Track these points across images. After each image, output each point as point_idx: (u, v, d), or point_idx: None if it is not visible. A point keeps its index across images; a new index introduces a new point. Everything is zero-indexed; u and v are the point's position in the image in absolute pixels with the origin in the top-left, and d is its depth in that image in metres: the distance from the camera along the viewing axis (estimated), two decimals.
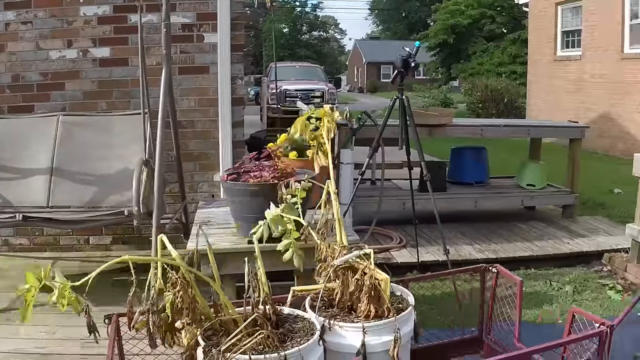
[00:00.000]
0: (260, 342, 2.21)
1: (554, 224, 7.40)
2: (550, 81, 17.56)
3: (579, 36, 16.46)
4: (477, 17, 32.22)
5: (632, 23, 14.43)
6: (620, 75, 14.59)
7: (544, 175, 7.83)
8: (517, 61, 26.63)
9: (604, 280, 5.89)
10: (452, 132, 7.24)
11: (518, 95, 20.16)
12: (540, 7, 18.21)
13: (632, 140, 13.99)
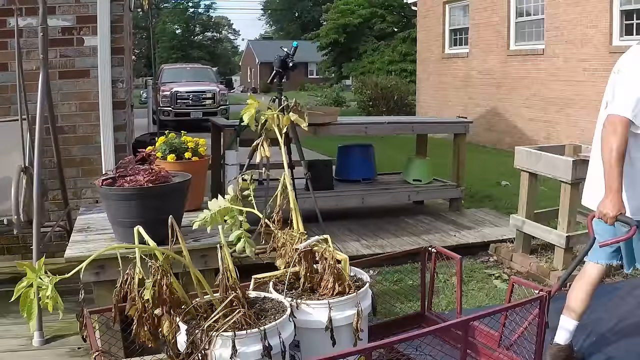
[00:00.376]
0: (239, 320, 2.33)
1: (441, 218, 7.51)
2: (439, 78, 17.92)
3: (466, 34, 16.84)
4: (367, 16, 32.51)
5: (518, 21, 14.88)
6: (507, 72, 15.02)
7: (429, 170, 7.92)
8: (407, 59, 27.02)
9: (490, 270, 6.01)
10: (337, 130, 7.21)
11: (408, 93, 20.48)
12: (428, 5, 18.54)
13: (519, 133, 14.43)
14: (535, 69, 14.09)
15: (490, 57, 15.67)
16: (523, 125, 14.46)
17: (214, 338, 2.26)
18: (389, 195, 7.56)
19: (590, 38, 12.44)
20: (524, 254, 6.14)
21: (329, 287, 2.64)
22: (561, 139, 12.58)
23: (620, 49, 11.66)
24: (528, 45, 14.56)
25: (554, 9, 13.43)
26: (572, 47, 12.95)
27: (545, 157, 5.76)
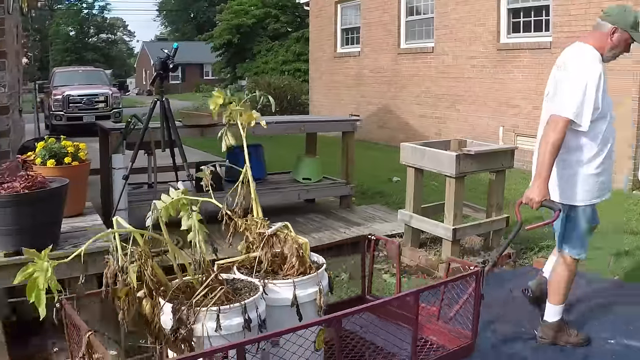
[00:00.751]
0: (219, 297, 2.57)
1: (332, 215, 7.50)
2: (331, 77, 17.99)
3: (358, 33, 16.95)
4: (261, 16, 32.37)
5: (408, 20, 15.07)
6: (398, 70, 15.19)
7: (319, 169, 7.91)
8: (301, 59, 27.08)
9: (380, 265, 5.98)
10: None
11: (301, 92, 20.46)
12: (320, 5, 18.58)
13: (411, 130, 14.58)
14: (425, 67, 14.29)
15: (381, 55, 15.81)
16: (414, 122, 14.62)
17: (200, 313, 2.50)
18: (279, 195, 7.51)
19: (479, 36, 12.69)
20: (412, 248, 6.20)
21: (293, 267, 2.95)
22: (452, 134, 12.76)
23: (508, 46, 11.97)
24: (418, 43, 14.76)
25: (443, 8, 13.65)
26: (461, 45, 13.18)
27: (429, 153, 5.85)
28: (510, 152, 6.18)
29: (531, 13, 11.86)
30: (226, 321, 2.51)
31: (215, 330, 2.48)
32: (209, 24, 58.15)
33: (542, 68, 11.43)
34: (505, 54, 12.16)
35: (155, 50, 66.50)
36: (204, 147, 13.34)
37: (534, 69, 11.59)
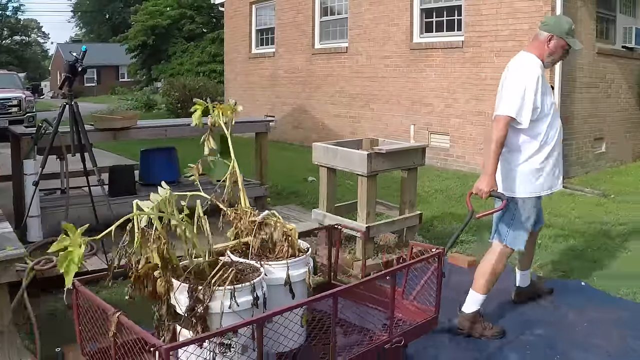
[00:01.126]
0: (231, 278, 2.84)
1: None
2: (246, 78, 17.89)
3: (272, 34, 16.91)
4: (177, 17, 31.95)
5: (322, 20, 15.09)
6: (312, 70, 15.21)
7: None
8: (216, 60, 26.85)
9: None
10: (137, 134, 7.02)
11: (217, 94, 20.27)
12: (235, 6, 18.45)
13: (326, 130, 14.61)
14: (339, 67, 14.34)
15: (296, 56, 15.80)
16: (329, 122, 14.64)
17: (215, 292, 2.76)
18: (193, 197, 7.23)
19: (392, 36, 12.79)
20: (327, 247, 6.09)
21: (284, 250, 3.25)
22: (366, 133, 12.85)
23: (420, 46, 12.07)
24: (332, 43, 14.81)
25: (357, 8, 13.72)
26: (374, 45, 13.27)
27: (341, 152, 5.88)
28: (421, 149, 6.20)
29: (443, 13, 12.03)
30: (239, 299, 2.77)
31: (229, 307, 2.74)
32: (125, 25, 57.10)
33: (455, 67, 11.60)
34: (418, 54, 12.27)
35: None
36: (117, 151, 13.15)
37: (446, 68, 11.74)
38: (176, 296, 2.83)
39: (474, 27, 11.24)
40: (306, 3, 15.32)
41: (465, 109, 11.42)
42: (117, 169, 7.31)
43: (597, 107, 11.71)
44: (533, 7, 10.31)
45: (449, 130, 11.73)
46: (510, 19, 10.64)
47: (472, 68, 11.27)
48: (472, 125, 11.34)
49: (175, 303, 2.83)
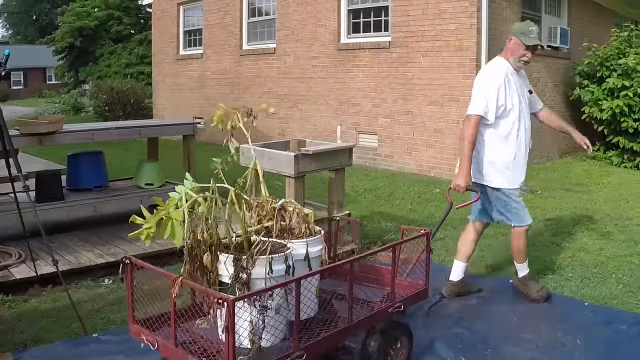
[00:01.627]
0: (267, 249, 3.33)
1: None
2: (174, 80, 17.69)
3: (200, 35, 16.74)
4: (104, 18, 31.26)
5: (250, 21, 15.02)
6: (240, 71, 15.14)
7: (161, 173, 7.77)
8: (144, 62, 26.38)
9: None
10: (63, 139, 6.83)
11: (145, 96, 19.96)
12: (163, 7, 18.24)
13: (255, 131, 14.15)
14: (267, 68, 14.29)
15: (224, 57, 15.72)
16: (258, 123, 14.09)
17: (256, 261, 3.23)
18: (121, 202, 7.29)
19: (320, 36, 12.81)
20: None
21: (302, 231, 3.69)
22: (295, 134, 12.83)
23: (348, 46, 12.10)
24: (260, 44, 14.75)
25: (285, 9, 13.69)
26: (302, 46, 13.25)
27: (268, 154, 5.86)
28: (348, 150, 6.22)
29: (371, 14, 12.08)
30: (274, 267, 3.27)
31: (267, 274, 3.24)
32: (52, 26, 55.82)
33: (382, 67, 11.65)
34: (346, 54, 12.30)
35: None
36: (45, 155, 12.84)
37: (373, 68, 11.79)
38: (221, 267, 3.32)
39: (400, 28, 11.31)
40: (234, 4, 15.23)
41: (393, 108, 11.48)
42: (44, 175, 7.15)
43: None
44: (459, 7, 10.43)
45: (377, 130, 11.78)
46: (436, 20, 10.74)
47: (399, 68, 11.34)
48: (399, 125, 11.40)
49: (221, 273, 3.33)
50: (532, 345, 4.46)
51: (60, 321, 4.75)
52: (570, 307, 5.17)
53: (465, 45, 10.41)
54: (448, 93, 10.68)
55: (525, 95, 5.06)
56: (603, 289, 5.51)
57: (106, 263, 5.80)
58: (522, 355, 4.33)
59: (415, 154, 11.24)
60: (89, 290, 5.43)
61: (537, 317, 4.94)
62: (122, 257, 3.49)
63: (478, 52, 10.31)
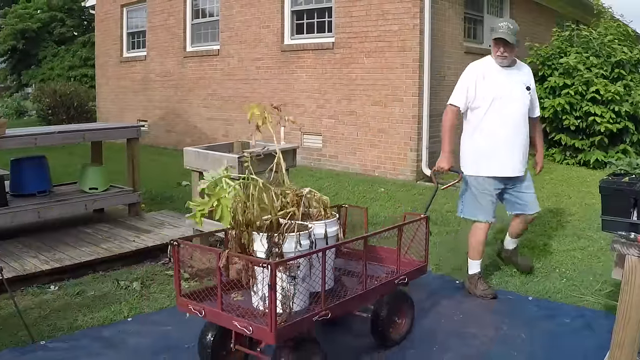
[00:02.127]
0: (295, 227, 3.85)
1: (121, 224, 7.31)
2: (118, 82, 17.49)
3: (144, 37, 16.54)
4: (47, 20, 30.74)
5: (194, 22, 14.93)
6: (184, 73, 15.04)
7: (105, 178, 7.68)
8: (88, 64, 26.03)
9: (171, 271, 5.93)
10: (6, 144, 6.69)
11: (88, 99, 19.62)
12: (106, 9, 18.02)
13: (199, 133, 14.45)
14: (211, 69, 14.23)
15: (167, 59, 15.60)
16: (202, 125, 14.46)
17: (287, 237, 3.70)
18: (66, 207, 7.20)
19: (263, 38, 12.79)
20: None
21: (322, 214, 4.16)
22: (239, 135, 12.71)
23: (291, 47, 12.08)
24: (204, 46, 14.68)
25: (228, 11, 13.65)
26: (246, 47, 13.23)
27: (212, 156, 5.92)
28: (292, 151, 6.29)
29: (314, 15, 12.06)
30: (302, 242, 3.74)
31: (295, 247, 3.70)
32: None
33: (326, 68, 11.66)
34: (290, 55, 12.29)
35: None
36: None
37: (317, 69, 11.80)
38: (257, 244, 3.77)
39: (344, 29, 11.34)
40: (178, 6, 15.13)
41: (337, 109, 11.50)
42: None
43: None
44: (402, 8, 10.50)
45: (322, 131, 11.79)
46: (380, 20, 10.79)
47: (342, 69, 11.36)
48: (344, 125, 11.43)
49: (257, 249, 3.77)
50: (478, 340, 4.55)
51: (6, 329, 4.69)
52: (514, 302, 5.29)
53: (408, 45, 10.47)
54: (392, 93, 10.73)
55: (516, 91, 5.29)
56: (547, 284, 5.65)
57: (52, 269, 5.71)
58: (468, 349, 4.41)
59: (359, 153, 11.27)
60: (35, 297, 5.36)
61: (482, 313, 5.05)
62: (170, 240, 3.96)
63: (421, 52, 10.38)
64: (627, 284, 3.12)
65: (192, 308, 3.84)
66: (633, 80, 12.25)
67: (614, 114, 11.73)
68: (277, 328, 3.37)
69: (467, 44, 12.02)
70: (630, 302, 3.12)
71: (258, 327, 3.45)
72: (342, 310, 3.98)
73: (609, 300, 5.19)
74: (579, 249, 6.69)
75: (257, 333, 3.48)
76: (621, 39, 12.81)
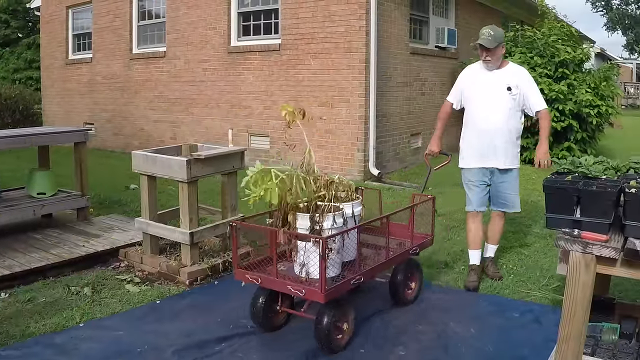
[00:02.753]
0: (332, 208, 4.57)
1: (70, 229, 7.22)
2: (64, 85, 17.23)
3: (90, 39, 16.29)
4: None
5: (140, 24, 14.80)
6: (130, 75, 14.93)
7: (53, 182, 7.58)
8: (33, 66, 25.66)
9: (122, 275, 5.97)
10: None
11: (34, 102, 19.31)
12: (51, 10, 17.71)
13: (147, 135, 14.36)
14: (158, 71, 14.16)
15: (113, 61, 15.46)
16: (150, 127, 14.37)
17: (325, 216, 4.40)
18: (14, 212, 7.06)
19: (210, 39, 12.76)
20: (153, 255, 6.20)
21: (348, 196, 4.81)
22: (187, 138, 12.74)
23: (238, 49, 12.07)
24: (150, 48, 14.58)
25: (175, 12, 13.55)
26: (192, 49, 13.18)
27: (160, 160, 5.90)
28: (240, 153, 6.31)
29: (261, 16, 12.06)
30: (337, 220, 4.45)
31: (332, 225, 4.40)
32: None
33: (272, 70, 11.67)
34: (236, 57, 12.28)
35: None
36: None
37: (264, 71, 11.81)
38: (300, 223, 4.44)
39: (290, 30, 11.36)
40: (124, 7, 15.00)
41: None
42: None
43: (412, 104, 12.17)
44: (348, 10, 10.56)
45: (269, 132, 11.81)
46: (326, 22, 10.83)
47: (289, 70, 11.39)
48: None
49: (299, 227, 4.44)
50: (427, 335, 4.66)
51: None
52: (464, 298, 5.43)
53: (354, 46, 10.54)
54: (338, 94, 10.79)
55: (498, 91, 5.63)
56: (496, 280, 5.79)
57: (1, 276, 5.63)
58: (419, 345, 4.51)
59: None
60: None
61: (432, 309, 5.15)
62: (230, 222, 4.85)
63: (367, 53, 10.46)
64: (572, 279, 3.26)
65: (248, 277, 4.53)
66: (577, 80, 12.49)
67: (558, 112, 11.97)
68: (326, 290, 4.14)
69: (413, 44, 12.16)
70: (575, 297, 3.25)
71: (310, 289, 4.21)
72: (370, 275, 4.74)
73: (556, 295, 5.35)
74: (525, 246, 6.88)
75: (308, 294, 4.23)
76: (565, 39, 13.03)
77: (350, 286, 4.45)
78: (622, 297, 5.19)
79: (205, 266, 5.88)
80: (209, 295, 5.48)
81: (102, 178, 10.47)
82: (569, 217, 3.43)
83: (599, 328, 3.91)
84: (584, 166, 3.86)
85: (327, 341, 4.31)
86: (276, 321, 4.77)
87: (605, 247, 3.15)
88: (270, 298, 4.66)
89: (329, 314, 4.30)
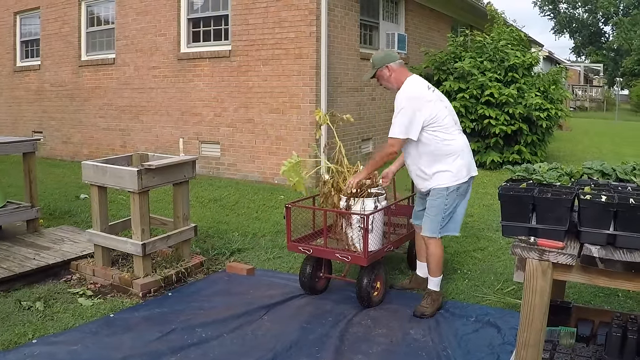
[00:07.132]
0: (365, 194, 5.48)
1: (20, 242, 7.06)
2: (12, 93, 16.93)
3: (38, 45, 16.02)
4: None
5: (89, 30, 14.62)
6: (79, 82, 14.74)
7: (1, 194, 7.48)
8: None
9: (74, 289, 5.85)
10: None
11: None
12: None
13: (96, 144, 14.20)
14: (107, 79, 14.01)
15: (62, 68, 15.25)
16: (99, 135, 14.22)
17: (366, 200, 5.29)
18: None
19: (160, 46, 12.68)
20: (105, 267, 6.11)
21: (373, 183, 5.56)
22: (137, 145, 12.63)
23: (188, 55, 12.02)
24: (100, 55, 14.39)
25: (124, 19, 13.46)
26: (142, 56, 13.08)
27: (110, 170, 5.84)
28: (191, 162, 6.27)
29: (211, 23, 12.00)
30: (369, 205, 5.25)
31: (362, 208, 5.21)
32: None
33: (223, 76, 11.65)
34: (186, 63, 12.22)
35: None
36: None
37: (214, 78, 11.78)
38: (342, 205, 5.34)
39: (240, 37, 11.34)
40: (72, 13, 14.81)
41: (234, 117, 11.50)
42: None
43: (363, 109, 12.23)
44: (298, 16, 10.57)
45: (220, 139, 11.77)
46: (277, 28, 10.84)
47: (239, 77, 11.37)
48: (241, 133, 11.44)
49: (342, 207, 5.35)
50: (386, 340, 4.70)
51: None
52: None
53: (305, 52, 10.56)
54: (289, 100, 10.79)
55: None
56: (450, 285, 5.84)
57: None
58: (378, 350, 4.54)
59: (258, 162, 11.30)
60: None
61: (389, 317, 5.16)
62: (285, 204, 5.60)
63: (318, 59, 10.48)
64: (529, 286, 3.28)
65: (301, 248, 5.50)
66: (526, 84, 12.68)
67: (508, 116, 12.15)
68: (368, 256, 5.12)
69: (363, 50, 12.22)
70: (533, 304, 3.28)
71: (355, 255, 5.21)
72: (397, 245, 5.84)
73: (511, 299, 5.40)
74: (479, 250, 6.93)
75: (353, 260, 5.22)
76: (514, 44, 13.19)
77: (384, 253, 5.47)
78: (576, 299, 5.29)
79: (159, 277, 5.82)
80: (163, 307, 5.41)
81: (52, 187, 10.36)
82: (525, 224, 3.44)
83: (557, 332, 3.98)
84: (538, 173, 3.88)
85: (367, 297, 5.25)
86: (319, 286, 5.68)
87: (562, 254, 3.18)
88: (315, 266, 5.61)
89: (369, 275, 5.25)
